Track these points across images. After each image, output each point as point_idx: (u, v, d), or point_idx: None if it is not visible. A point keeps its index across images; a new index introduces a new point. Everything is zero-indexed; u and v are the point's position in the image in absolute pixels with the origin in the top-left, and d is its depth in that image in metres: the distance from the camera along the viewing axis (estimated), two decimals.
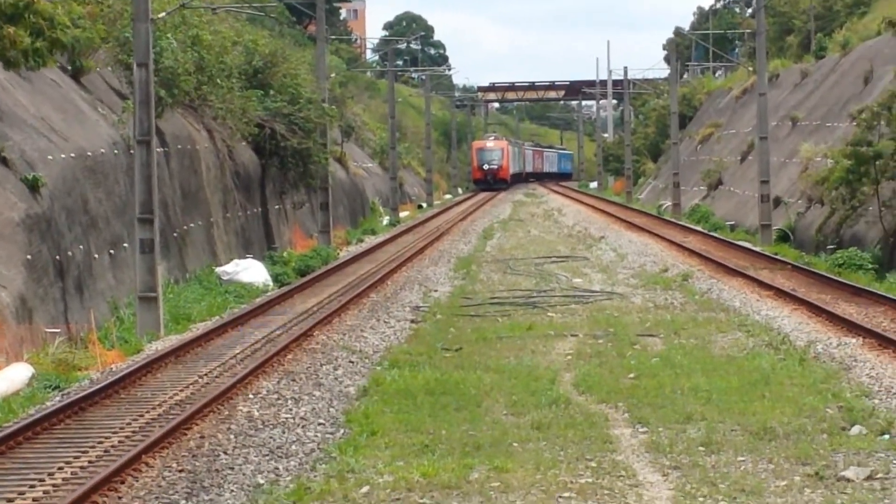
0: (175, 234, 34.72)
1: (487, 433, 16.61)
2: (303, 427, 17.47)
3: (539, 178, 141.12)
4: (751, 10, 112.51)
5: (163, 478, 14.70)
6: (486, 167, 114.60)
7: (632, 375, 20.60)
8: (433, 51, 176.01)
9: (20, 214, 24.82)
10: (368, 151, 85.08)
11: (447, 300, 31.88)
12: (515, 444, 15.99)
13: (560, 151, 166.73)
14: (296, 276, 38.32)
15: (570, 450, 15.67)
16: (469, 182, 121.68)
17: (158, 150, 30.51)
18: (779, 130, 58.49)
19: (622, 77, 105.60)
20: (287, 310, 29.92)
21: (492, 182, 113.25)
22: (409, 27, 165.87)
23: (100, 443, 16.21)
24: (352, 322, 27.82)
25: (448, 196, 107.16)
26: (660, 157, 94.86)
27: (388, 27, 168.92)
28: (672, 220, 61.29)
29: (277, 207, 47.81)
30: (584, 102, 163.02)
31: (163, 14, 30.34)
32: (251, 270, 35.95)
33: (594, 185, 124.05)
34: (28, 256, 24.47)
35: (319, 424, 17.67)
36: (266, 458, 15.70)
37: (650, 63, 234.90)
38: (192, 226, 36.65)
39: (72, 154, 28.70)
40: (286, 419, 17.92)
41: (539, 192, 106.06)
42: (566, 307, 30.15)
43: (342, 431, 17.17)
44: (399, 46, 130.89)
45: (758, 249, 43.20)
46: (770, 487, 13.79)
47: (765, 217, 47.11)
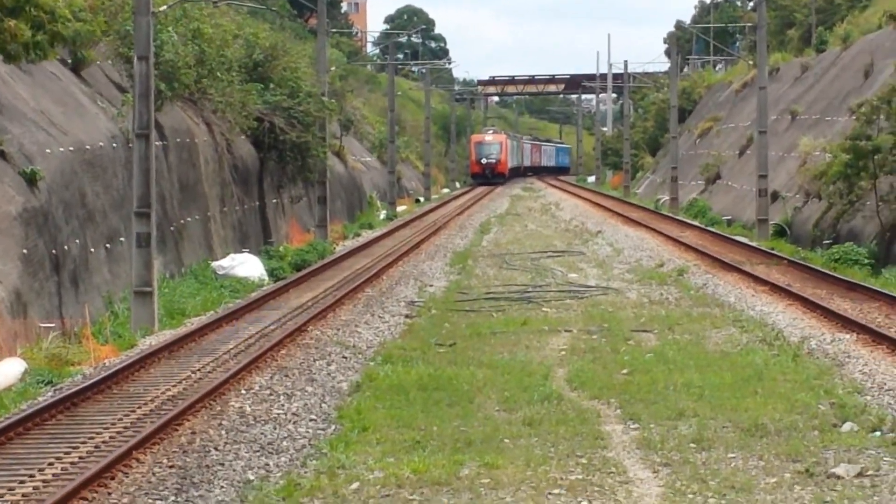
0: (172, 228, 34.71)
1: (479, 429, 16.61)
2: (294, 423, 17.47)
3: (537, 173, 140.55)
4: (752, 4, 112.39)
5: (153, 474, 14.70)
6: (485, 161, 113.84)
7: (625, 371, 20.60)
8: (434, 44, 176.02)
9: (17, 208, 24.81)
10: (367, 145, 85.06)
11: (442, 295, 31.88)
12: (507, 441, 15.99)
13: (558, 145, 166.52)
14: (292, 271, 38.30)
15: (562, 446, 15.67)
16: (467, 176, 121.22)
17: (157, 144, 30.48)
18: (778, 124, 58.46)
19: (622, 71, 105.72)
20: (282, 305, 29.91)
21: (490, 176, 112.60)
22: (410, 21, 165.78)
23: (91, 438, 16.20)
24: (346, 317, 27.82)
25: (446, 190, 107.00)
26: (658, 151, 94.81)
27: (389, 20, 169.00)
28: (669, 215, 61.27)
29: (275, 201, 47.80)
30: (584, 96, 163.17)
31: (164, 7, 30.34)
32: (247, 265, 35.95)
33: (592, 180, 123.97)
34: (24, 250, 24.46)
35: (311, 420, 17.67)
36: (257, 455, 15.70)
37: (651, 57, 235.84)
38: (189, 220, 36.64)
39: (70, 147, 28.68)
40: (278, 415, 17.92)
41: (537, 187, 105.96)
42: (561, 302, 30.16)
43: (334, 427, 17.16)
44: (400, 40, 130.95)
45: (754, 244, 43.20)
46: (760, 484, 13.79)
47: (762, 211, 47.11)
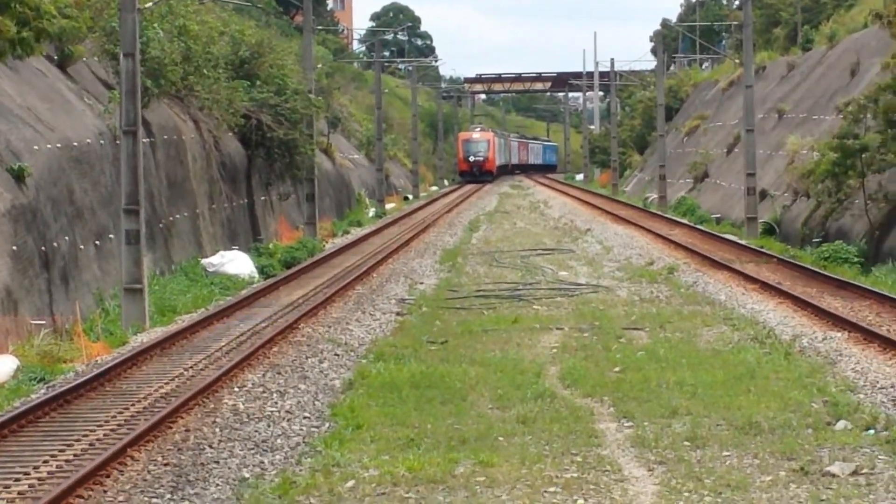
0: (161, 225, 34.66)
1: (473, 427, 16.60)
2: (288, 420, 17.46)
3: (524, 171, 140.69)
4: (738, 2, 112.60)
5: (148, 471, 14.68)
6: (472, 159, 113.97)
7: (617, 369, 20.60)
8: (420, 42, 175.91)
9: (5, 205, 24.75)
10: (355, 143, 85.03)
11: (433, 293, 31.87)
12: (501, 439, 15.98)
13: (545, 143, 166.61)
14: (281, 268, 38.29)
15: (556, 444, 15.67)
16: (455, 174, 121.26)
17: (144, 141, 30.44)
18: (765, 123, 58.57)
19: (609, 69, 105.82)
20: (272, 302, 29.89)
21: (477, 174, 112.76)
22: (396, 18, 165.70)
23: (85, 436, 16.18)
24: (337, 314, 27.80)
25: (434, 188, 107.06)
26: (646, 150, 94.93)
27: (375, 18, 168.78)
28: (658, 213, 61.33)
29: (263, 199, 47.75)
30: (571, 94, 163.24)
31: (150, 4, 30.27)
32: (237, 262, 35.94)
33: (580, 178, 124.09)
34: (13, 247, 24.40)
35: (305, 418, 17.65)
36: (251, 452, 15.68)
37: (637, 55, 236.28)
38: (178, 217, 36.58)
39: (58, 144, 28.61)
40: (271, 412, 17.90)
41: (525, 185, 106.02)
42: (552, 300, 30.17)
43: (327, 425, 17.15)
44: (386, 37, 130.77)
45: (743, 242, 43.23)
46: (755, 482, 13.80)
47: (751, 210, 47.18)
